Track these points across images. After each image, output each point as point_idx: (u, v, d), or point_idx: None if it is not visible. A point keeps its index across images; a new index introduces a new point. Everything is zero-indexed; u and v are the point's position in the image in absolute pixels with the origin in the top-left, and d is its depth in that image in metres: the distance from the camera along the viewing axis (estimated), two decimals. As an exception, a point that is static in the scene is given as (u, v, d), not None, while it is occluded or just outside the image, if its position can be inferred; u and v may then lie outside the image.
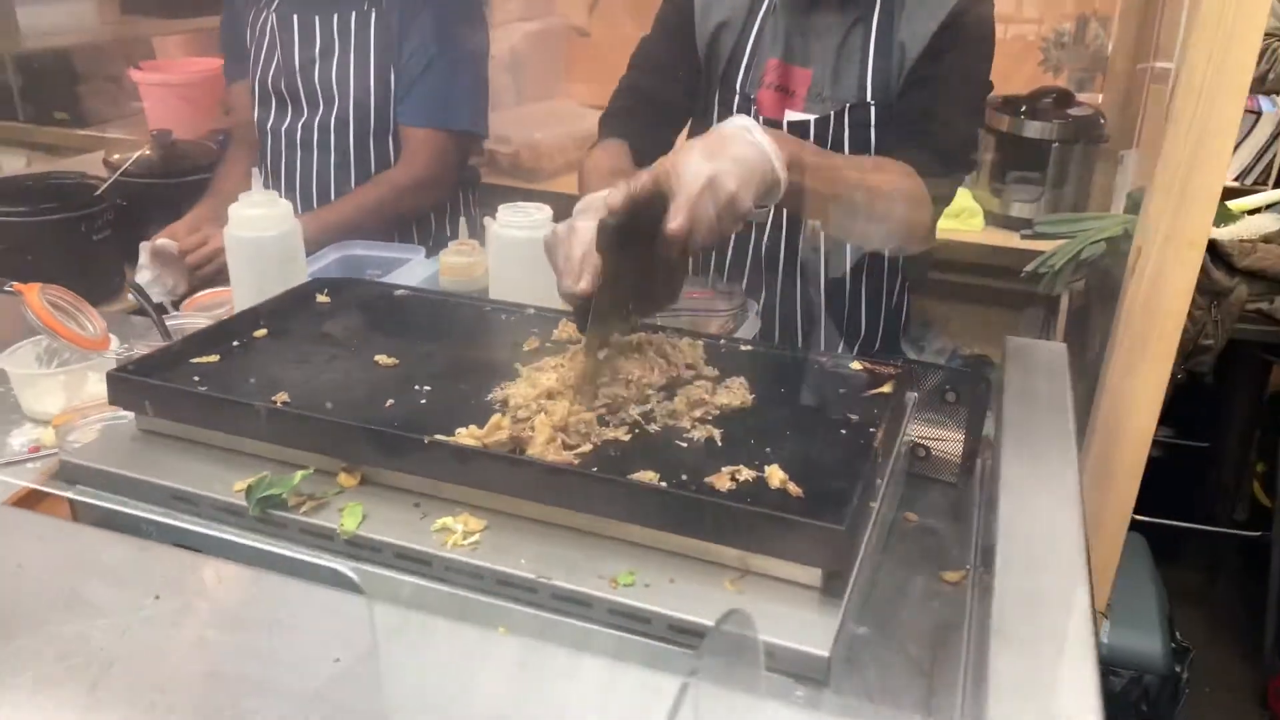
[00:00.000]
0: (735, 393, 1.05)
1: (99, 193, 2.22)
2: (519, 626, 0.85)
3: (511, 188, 3.24)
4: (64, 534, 0.81)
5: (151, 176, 2.25)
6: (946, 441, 1.24)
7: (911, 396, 1.16)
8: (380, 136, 1.87)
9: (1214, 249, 2.22)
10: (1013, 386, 1.12)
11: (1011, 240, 2.80)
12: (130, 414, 1.06)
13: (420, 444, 0.91)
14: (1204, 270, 2.24)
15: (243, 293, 1.33)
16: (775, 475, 0.89)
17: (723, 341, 1.19)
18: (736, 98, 1.49)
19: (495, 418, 0.95)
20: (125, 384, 1.02)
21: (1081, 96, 3.18)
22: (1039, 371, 1.15)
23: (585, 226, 1.00)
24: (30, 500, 1.13)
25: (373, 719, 0.61)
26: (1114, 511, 1.42)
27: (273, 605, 0.73)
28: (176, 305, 1.61)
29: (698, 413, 1.01)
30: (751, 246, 1.57)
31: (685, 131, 1.58)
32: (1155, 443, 2.92)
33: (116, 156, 2.46)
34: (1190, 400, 2.67)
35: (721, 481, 0.89)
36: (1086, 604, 0.76)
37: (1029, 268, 2.58)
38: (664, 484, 0.87)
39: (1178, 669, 1.72)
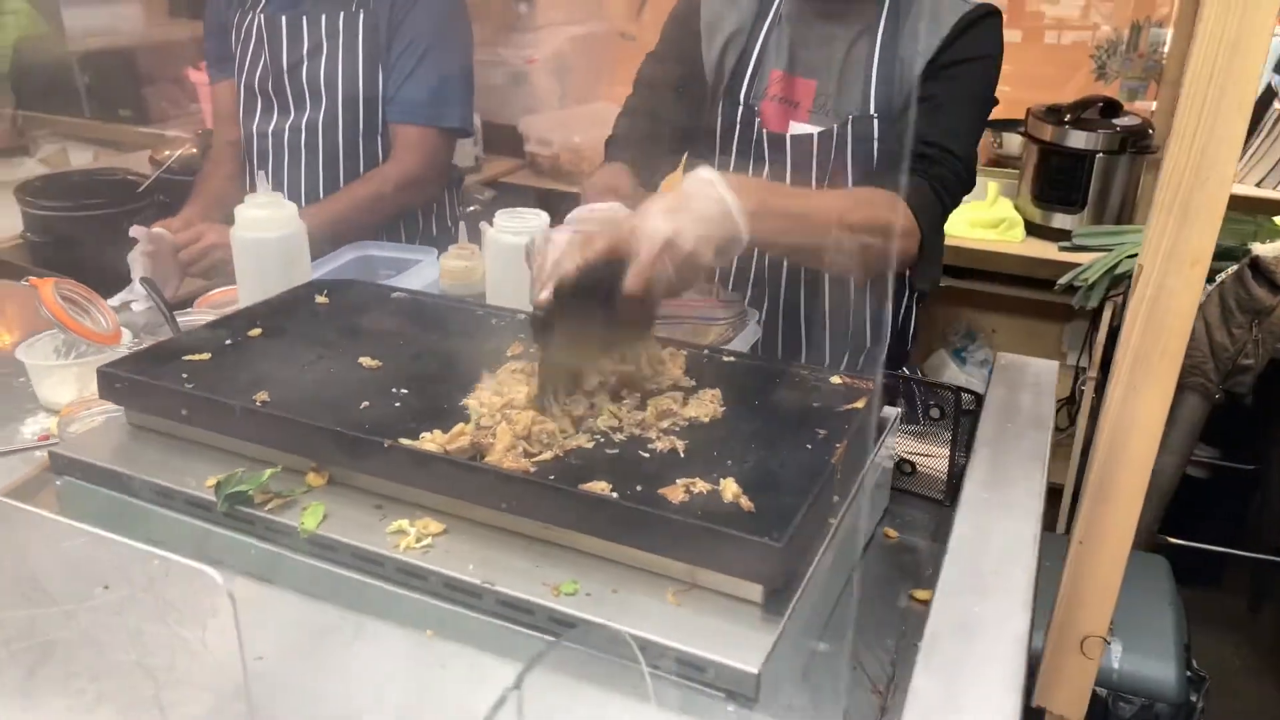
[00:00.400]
0: (705, 405, 1.05)
1: (141, 189, 2.30)
2: (466, 631, 0.86)
3: (551, 190, 3.28)
4: (31, 523, 0.84)
5: (194, 174, 2.31)
6: (933, 458, 1.22)
7: (894, 412, 1.15)
8: (369, 135, 1.91)
9: (1256, 266, 2.15)
10: (994, 404, 1.10)
11: (1050, 252, 2.75)
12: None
13: (380, 446, 0.92)
14: (1244, 288, 2.17)
15: (247, 292, 1.37)
16: (729, 489, 0.89)
17: (705, 352, 1.19)
18: (741, 109, 1.49)
19: (459, 425, 0.96)
20: (113, 379, 1.05)
21: (1134, 106, 3.11)
22: (1024, 389, 1.13)
23: (561, 239, 1.02)
24: (32, 487, 1.18)
25: (281, 716, 0.62)
26: (1115, 534, 1.38)
27: (212, 601, 0.75)
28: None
29: (665, 423, 1.02)
30: (754, 256, 1.57)
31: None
32: (1200, 464, 2.84)
33: (166, 153, 2.54)
34: (1237, 421, 2.58)
35: (675, 494, 0.89)
36: (1023, 630, 0.75)
37: (1063, 280, 2.53)
38: (612, 494, 0.87)
39: (1193, 698, 1.67)
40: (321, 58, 1.84)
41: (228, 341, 1.18)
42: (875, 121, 1.41)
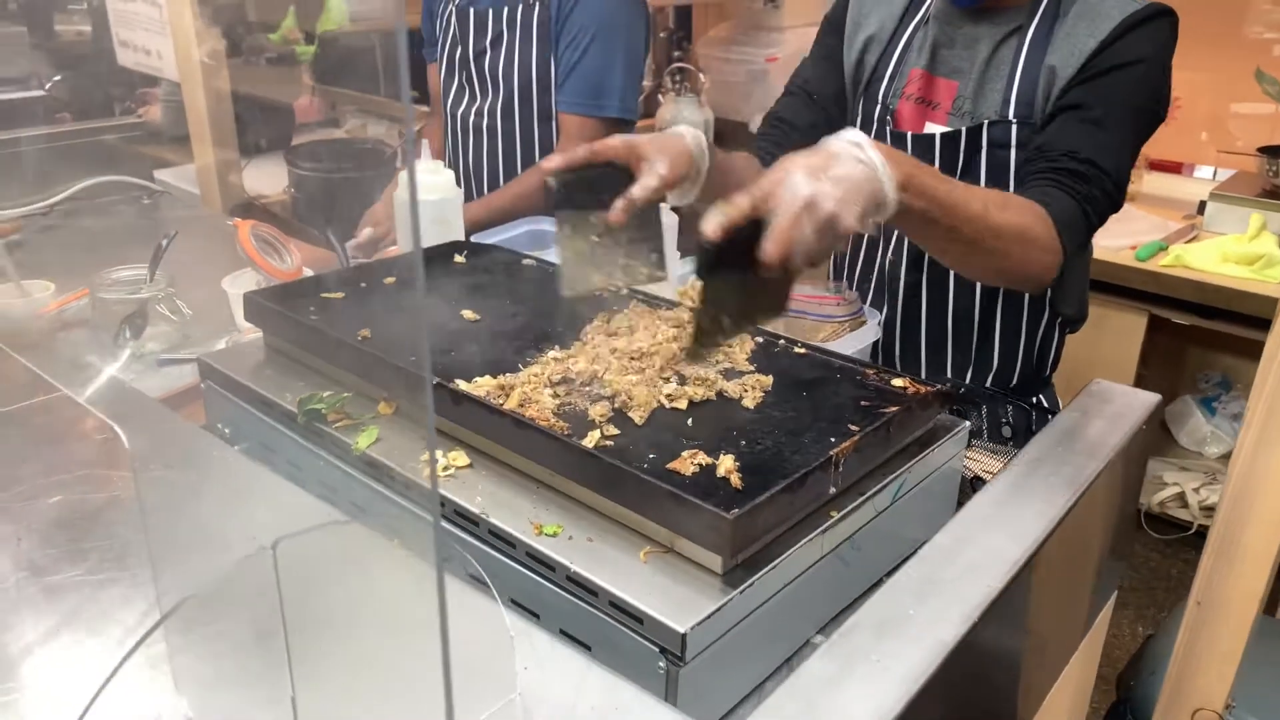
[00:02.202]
0: (748, 389, 1.07)
1: (387, 157, 2.58)
2: (465, 556, 0.95)
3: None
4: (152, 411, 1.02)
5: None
6: (1005, 478, 1.17)
7: (960, 423, 1.11)
8: (544, 123, 2.03)
9: None
10: (1057, 426, 1.04)
11: (1309, 295, 2.44)
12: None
13: (425, 383, 1.03)
14: None
15: (402, 247, 1.53)
16: (725, 464, 0.92)
17: (781, 341, 1.21)
18: (878, 108, 1.47)
19: (505, 375, 1.06)
20: (252, 305, 1.24)
21: None
22: (1100, 417, 1.06)
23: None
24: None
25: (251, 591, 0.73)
26: (1239, 600, 1.25)
27: (242, 488, 0.89)
28: None
29: (698, 396, 1.05)
30: (879, 256, 1.54)
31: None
32: None
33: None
34: None
35: (683, 465, 0.93)
36: (949, 639, 0.73)
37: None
38: (607, 443, 0.93)
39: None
40: (501, 48, 1.99)
41: (363, 284, 1.34)
42: (1014, 127, 1.35)
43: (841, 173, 0.97)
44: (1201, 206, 2.94)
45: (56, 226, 2.11)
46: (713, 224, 0.94)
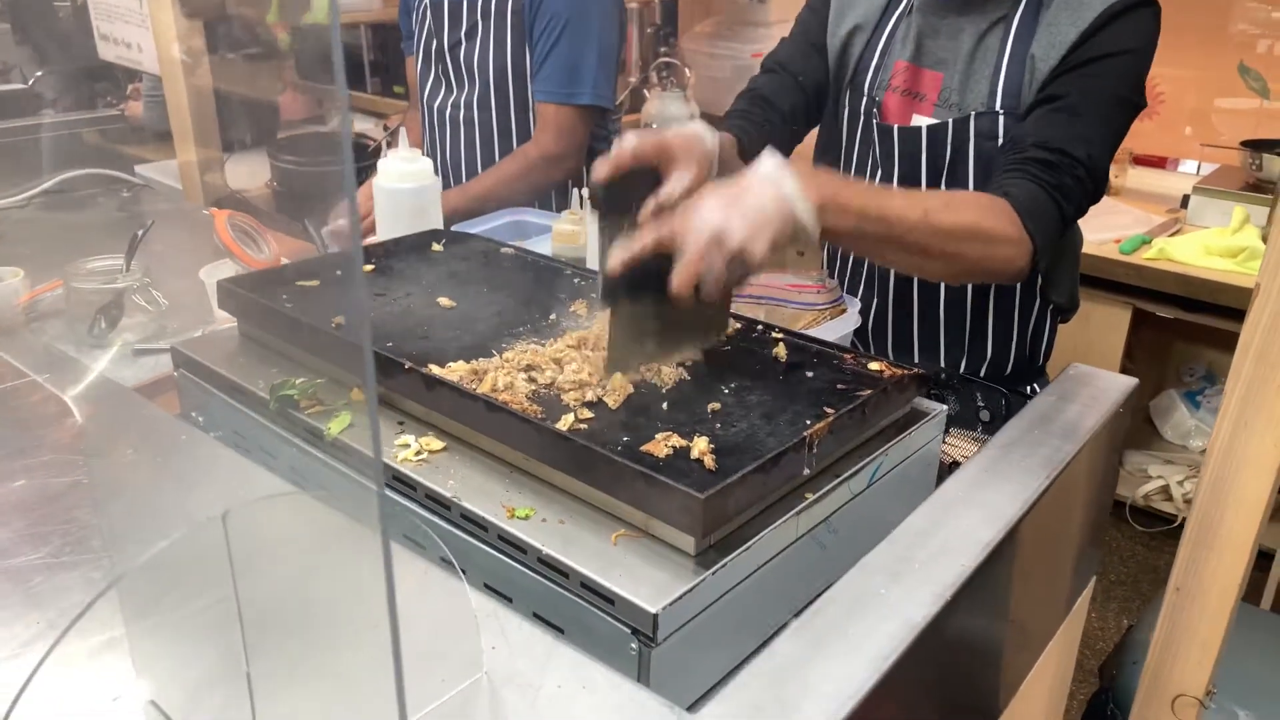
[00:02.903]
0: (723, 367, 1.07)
1: (370, 150, 2.57)
2: (431, 539, 0.94)
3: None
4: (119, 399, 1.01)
5: (414, 142, 2.55)
6: (983, 462, 1.17)
7: (937, 407, 1.11)
8: (521, 113, 2.02)
9: None
10: (1034, 409, 1.04)
11: (1291, 287, 2.44)
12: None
13: (401, 368, 1.02)
14: None
15: (381, 235, 1.52)
16: (699, 445, 0.91)
17: (759, 326, 1.21)
18: (864, 100, 1.46)
19: (478, 360, 1.05)
20: (226, 293, 1.23)
21: None
22: (1076, 400, 1.06)
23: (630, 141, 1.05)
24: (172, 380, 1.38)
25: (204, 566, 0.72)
26: (1218, 587, 1.25)
27: (211, 474, 0.88)
28: None
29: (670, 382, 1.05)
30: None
31: (814, 135, 1.57)
32: None
33: (388, 121, 2.82)
34: None
35: (656, 447, 0.92)
36: (921, 617, 0.73)
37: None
38: (580, 426, 0.93)
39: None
40: (476, 39, 1.98)
41: (338, 272, 1.33)
42: (1000, 118, 1.34)
43: (752, 204, 0.99)
44: (1185, 200, 2.95)
45: (33, 219, 2.09)
46: (615, 259, 0.99)
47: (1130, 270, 2.69)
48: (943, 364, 1.54)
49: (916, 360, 1.56)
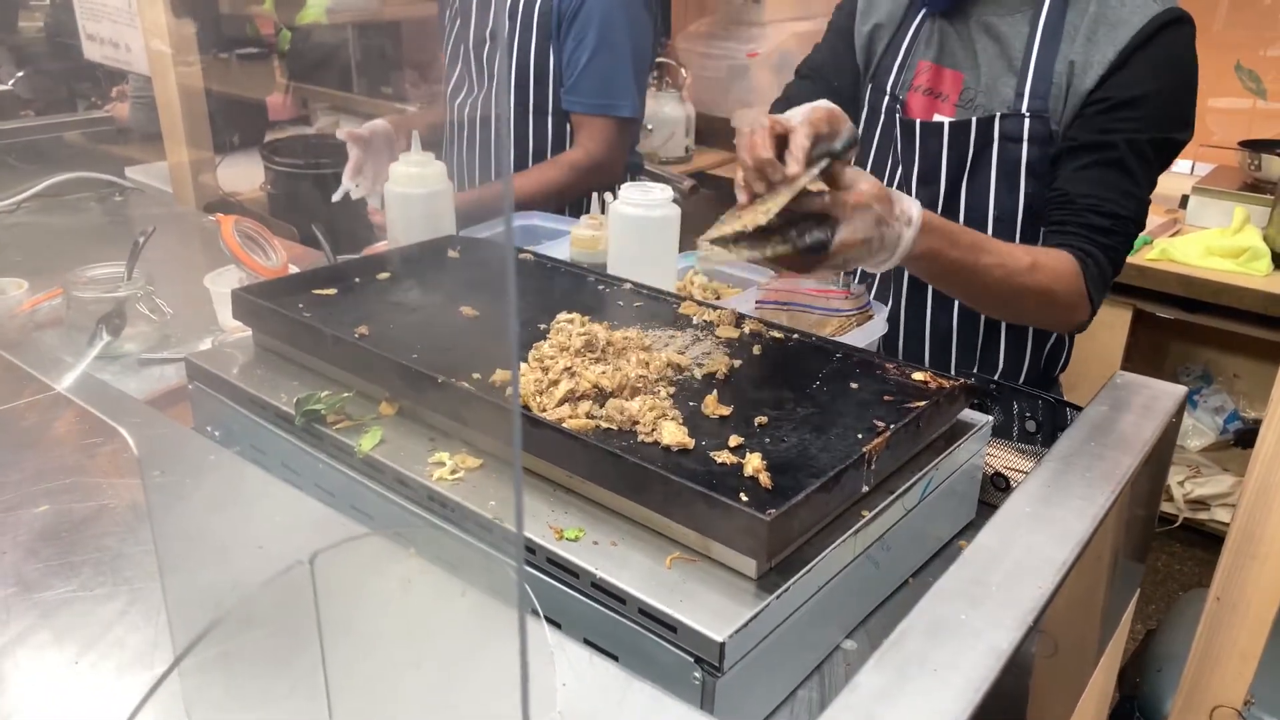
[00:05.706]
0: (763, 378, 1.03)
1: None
2: (476, 561, 0.90)
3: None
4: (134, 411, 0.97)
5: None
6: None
7: (982, 419, 1.08)
8: (539, 117, 1.99)
9: None
10: (1086, 420, 1.01)
11: (1298, 287, 2.45)
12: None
13: (434, 381, 0.98)
14: None
15: (394, 241, 1.48)
16: (752, 463, 0.88)
17: (794, 335, 1.17)
18: (886, 98, 1.44)
19: (501, 371, 1.01)
20: (242, 302, 1.18)
21: None
22: (1130, 410, 1.03)
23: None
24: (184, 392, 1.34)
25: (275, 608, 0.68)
26: (1259, 593, 1.23)
27: (244, 494, 0.83)
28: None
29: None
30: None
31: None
32: None
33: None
34: None
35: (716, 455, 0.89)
36: (1007, 644, 0.70)
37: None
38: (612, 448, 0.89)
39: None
40: (500, 38, 1.94)
41: (356, 279, 1.28)
42: (1026, 120, 1.31)
43: (888, 237, 1.08)
44: (1184, 201, 2.94)
45: (24, 224, 2.03)
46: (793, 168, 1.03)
47: (1132, 271, 2.68)
48: (953, 371, 1.51)
49: (929, 363, 1.53)
